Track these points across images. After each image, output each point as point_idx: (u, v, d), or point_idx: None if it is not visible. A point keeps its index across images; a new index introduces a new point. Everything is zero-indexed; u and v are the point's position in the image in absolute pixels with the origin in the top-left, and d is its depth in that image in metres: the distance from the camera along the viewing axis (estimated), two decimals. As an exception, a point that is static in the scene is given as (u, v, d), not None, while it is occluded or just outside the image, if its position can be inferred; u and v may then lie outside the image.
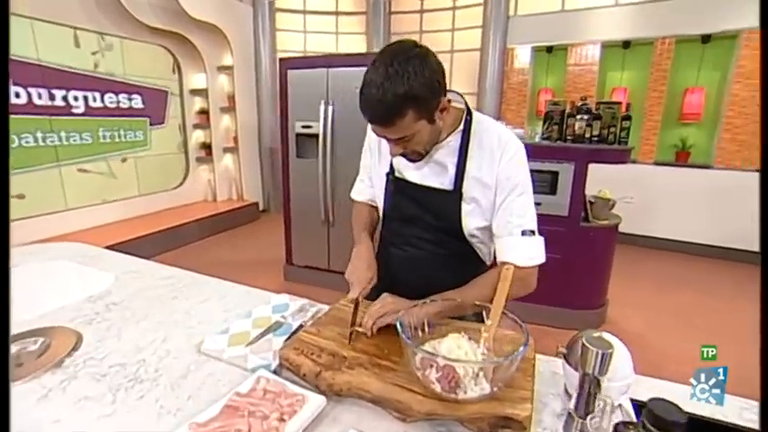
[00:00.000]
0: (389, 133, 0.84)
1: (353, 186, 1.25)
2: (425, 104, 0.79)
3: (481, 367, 0.65)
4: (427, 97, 0.79)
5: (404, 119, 0.79)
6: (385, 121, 0.80)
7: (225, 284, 1.31)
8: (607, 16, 4.58)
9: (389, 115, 0.78)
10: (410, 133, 0.83)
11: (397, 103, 0.76)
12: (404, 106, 0.77)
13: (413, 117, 0.79)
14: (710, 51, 4.42)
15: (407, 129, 0.81)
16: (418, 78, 0.76)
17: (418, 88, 0.76)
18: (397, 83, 0.75)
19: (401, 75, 0.75)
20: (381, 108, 0.78)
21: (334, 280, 3.26)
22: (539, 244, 0.90)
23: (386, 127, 0.82)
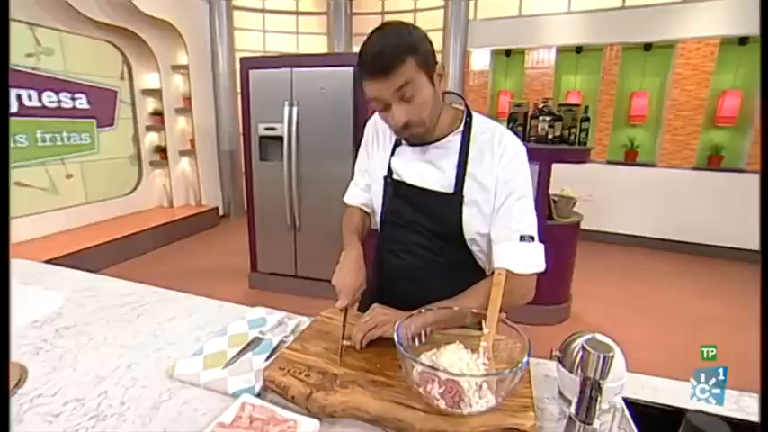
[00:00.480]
0: (391, 83, 0.79)
1: (346, 191, 1.20)
2: (424, 56, 0.80)
3: (486, 379, 0.63)
4: (425, 50, 0.80)
5: (404, 64, 0.78)
6: (386, 67, 0.77)
7: (194, 299, 1.21)
8: (561, 23, 4.79)
9: (391, 60, 0.77)
10: (413, 83, 0.79)
11: (397, 49, 0.77)
12: (403, 52, 0.78)
13: (413, 66, 0.79)
14: (652, 59, 4.74)
15: (408, 75, 0.79)
16: (413, 34, 0.80)
17: (415, 41, 0.79)
18: (393, 36, 0.79)
19: (396, 31, 0.79)
20: (381, 57, 0.77)
21: (302, 287, 3.17)
22: (539, 250, 0.87)
23: (387, 75, 0.78)
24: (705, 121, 4.58)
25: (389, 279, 1.06)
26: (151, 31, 4.25)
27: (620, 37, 4.63)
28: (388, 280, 1.06)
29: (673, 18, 4.39)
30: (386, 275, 1.07)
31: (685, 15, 4.35)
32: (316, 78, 2.72)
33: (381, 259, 1.09)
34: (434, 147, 0.93)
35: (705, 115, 4.56)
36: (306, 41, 5.53)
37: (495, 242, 0.90)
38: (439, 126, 0.92)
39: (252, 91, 2.84)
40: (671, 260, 4.39)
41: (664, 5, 4.39)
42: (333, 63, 2.71)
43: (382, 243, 1.10)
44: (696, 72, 4.47)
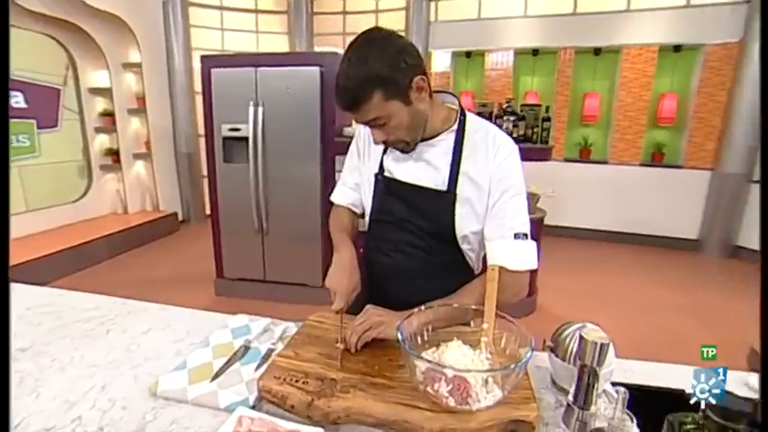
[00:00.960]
0: (361, 116, 0.84)
1: (334, 190, 1.18)
2: (392, 84, 0.80)
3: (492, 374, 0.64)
4: (392, 76, 0.80)
5: (370, 100, 0.80)
6: (352, 105, 0.82)
7: (168, 309, 1.14)
8: (518, 26, 4.97)
9: (355, 99, 0.80)
10: (384, 114, 0.83)
11: (361, 85, 0.79)
12: (368, 88, 0.79)
13: (381, 97, 0.80)
14: (601, 62, 5.03)
15: (378, 109, 0.82)
16: (379, 59, 0.78)
17: (380, 68, 0.78)
18: (358, 67, 0.78)
19: (362, 59, 0.78)
20: (347, 94, 0.81)
21: (271, 291, 3.09)
22: (531, 248, 0.89)
23: (355, 111, 0.83)
24: (648, 121, 4.93)
25: (379, 279, 1.05)
26: (98, 26, 3.97)
27: (573, 41, 4.88)
28: (377, 280, 1.05)
29: (618, 25, 4.68)
30: (375, 275, 1.06)
31: (628, 23, 4.66)
32: (281, 78, 2.66)
33: (370, 259, 1.08)
34: (428, 144, 0.93)
35: (648, 115, 4.90)
36: (266, 40, 5.38)
37: (489, 240, 0.91)
38: (431, 124, 0.92)
39: (214, 90, 2.72)
40: (624, 251, 4.69)
41: (610, 13, 4.67)
42: (299, 62, 2.66)
43: (371, 242, 1.08)
44: (639, 76, 4.80)
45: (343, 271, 0.93)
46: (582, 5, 4.73)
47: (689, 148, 4.83)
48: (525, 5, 4.89)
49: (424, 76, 0.84)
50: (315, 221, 2.91)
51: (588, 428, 0.69)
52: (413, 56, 0.82)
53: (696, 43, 4.59)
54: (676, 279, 3.95)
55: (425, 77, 0.84)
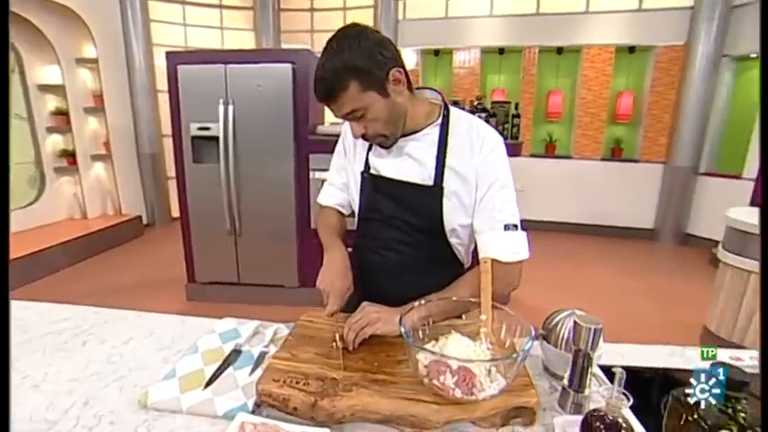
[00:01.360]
0: (338, 108, 0.84)
1: (321, 191, 1.16)
2: (368, 75, 0.81)
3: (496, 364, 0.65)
4: (368, 67, 0.80)
5: (347, 90, 0.81)
6: (328, 95, 0.82)
7: (149, 317, 1.09)
8: (484, 25, 5.08)
9: (332, 89, 0.81)
10: (360, 106, 0.83)
11: (337, 75, 0.79)
12: (344, 78, 0.80)
13: (357, 88, 0.81)
14: (564, 61, 5.23)
15: (355, 101, 0.82)
16: (355, 51, 0.79)
17: (356, 59, 0.79)
18: (334, 58, 0.80)
19: (338, 51, 0.80)
20: (324, 85, 0.81)
21: (246, 294, 3.01)
22: (522, 238, 0.90)
23: (332, 101, 0.83)
24: (608, 117, 5.18)
25: (370, 277, 1.05)
26: (47, 18, 3.71)
27: (536, 40, 5.05)
28: (368, 278, 1.05)
29: (578, 26, 4.89)
30: (366, 273, 1.05)
31: (587, 24, 4.87)
32: (252, 75, 2.59)
33: (360, 257, 1.07)
34: (412, 139, 0.93)
35: (608, 112, 5.15)
36: (232, 37, 5.22)
37: (480, 233, 0.92)
38: (414, 119, 0.92)
39: (182, 88, 2.61)
40: (589, 242, 4.91)
41: (570, 15, 4.86)
42: (270, 59, 2.60)
43: (360, 240, 1.08)
44: (599, 74, 5.03)
45: (335, 272, 0.93)
46: (544, 6, 4.90)
47: (644, 143, 5.12)
48: (491, 5, 5.01)
49: (401, 68, 0.84)
50: (289, 221, 2.87)
51: (583, 410, 0.72)
52: (389, 49, 0.83)
53: (647, 45, 4.87)
54: (636, 266, 4.19)
55: (402, 70, 0.85)
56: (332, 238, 1.03)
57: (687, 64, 4.70)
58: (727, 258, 2.51)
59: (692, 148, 4.82)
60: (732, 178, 4.60)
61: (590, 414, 0.63)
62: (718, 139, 4.91)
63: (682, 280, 3.92)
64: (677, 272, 4.21)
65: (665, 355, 0.94)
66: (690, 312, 3.09)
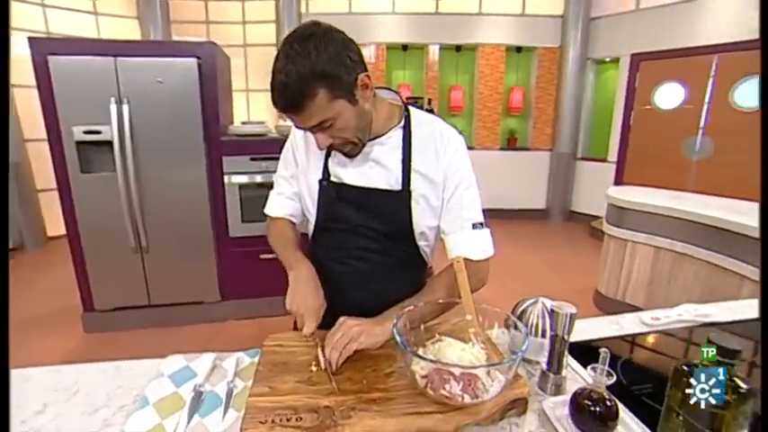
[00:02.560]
0: (306, 120, 0.77)
1: (267, 202, 1.06)
2: (338, 81, 0.74)
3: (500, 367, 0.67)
4: (338, 73, 0.74)
5: (315, 99, 0.73)
6: (295, 105, 0.74)
7: (66, 371, 0.89)
8: (387, 22, 5.19)
9: (298, 97, 0.73)
10: (330, 116, 0.77)
11: (304, 82, 0.71)
12: (312, 85, 0.72)
13: (326, 96, 0.74)
14: (462, 58, 5.61)
15: (325, 111, 0.75)
16: (321, 54, 0.72)
17: (324, 64, 0.72)
18: (299, 63, 0.71)
19: (302, 54, 0.71)
20: (288, 92, 0.72)
21: (161, 316, 2.69)
22: (488, 236, 0.93)
23: (299, 112, 0.75)
24: (503, 110, 5.71)
25: (335, 288, 1.00)
26: None
27: (436, 38, 5.32)
28: (334, 289, 1.00)
29: (473, 26, 5.27)
30: (330, 284, 1.00)
31: (481, 25, 5.29)
32: (150, 70, 2.27)
33: (321, 268, 1.01)
34: (376, 143, 0.90)
35: (502, 106, 5.68)
36: (109, 25, 4.52)
37: (449, 233, 0.92)
38: (377, 122, 0.89)
39: (56, 84, 2.17)
40: (493, 225, 5.30)
41: (466, 15, 5.22)
42: (171, 53, 2.31)
43: (320, 250, 1.02)
44: (493, 71, 5.50)
45: (306, 290, 0.86)
46: (443, 6, 5.17)
47: (534, 132, 5.76)
48: (393, 3, 5.12)
49: (368, 72, 0.80)
50: (205, 230, 2.61)
51: (562, 390, 0.79)
52: (355, 52, 0.78)
53: (531, 46, 5.46)
54: (534, 243, 4.73)
55: (369, 75, 0.80)
56: (294, 254, 0.96)
57: (562, 64, 5.39)
58: (611, 231, 2.96)
59: (570, 137, 5.57)
60: (601, 162, 5.43)
61: (577, 393, 0.69)
62: (589, 129, 5.74)
63: (571, 251, 4.53)
64: (566, 245, 4.86)
65: (604, 325, 1.07)
66: (582, 278, 3.59)
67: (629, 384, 0.84)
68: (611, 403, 0.66)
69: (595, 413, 0.66)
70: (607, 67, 5.48)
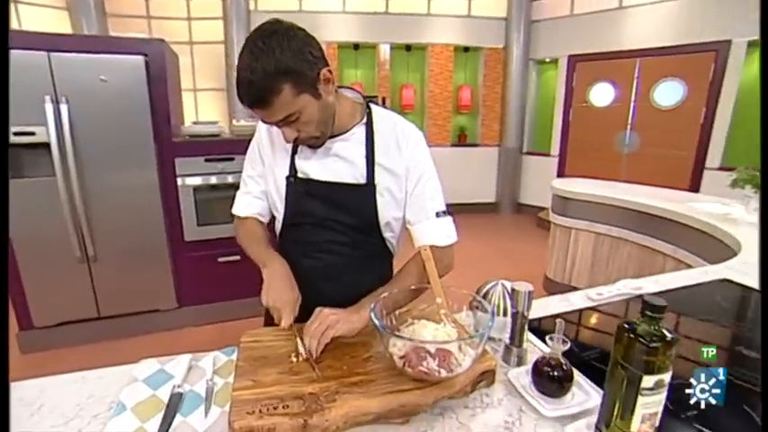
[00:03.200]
0: (272, 115, 0.80)
1: (235, 202, 1.07)
2: (301, 77, 0.78)
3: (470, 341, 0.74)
4: (301, 68, 0.77)
5: (280, 95, 0.76)
6: (261, 101, 0.77)
7: (28, 385, 0.85)
8: (337, 21, 5.19)
9: (264, 94, 0.76)
10: (295, 110, 0.80)
11: (269, 79, 0.75)
12: (277, 81, 0.75)
13: (291, 92, 0.77)
14: (413, 58, 5.74)
15: (289, 106, 0.79)
16: (285, 51, 0.75)
17: (288, 60, 0.75)
18: (264, 59, 0.74)
19: (267, 51, 0.74)
20: (254, 88, 0.75)
21: (112, 328, 2.55)
22: (451, 223, 0.99)
23: (265, 108, 0.78)
24: (453, 108, 5.91)
25: (306, 282, 1.02)
26: None
27: (387, 37, 5.40)
28: (305, 283, 1.02)
29: (423, 26, 5.41)
30: (301, 279, 1.02)
31: (430, 25, 5.44)
32: (91, 67, 2.13)
33: (294, 263, 1.03)
34: (340, 140, 0.94)
35: (452, 103, 5.88)
36: (32, 15, 4.14)
37: (414, 223, 0.98)
38: (341, 119, 0.93)
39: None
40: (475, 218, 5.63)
41: (415, 15, 5.34)
42: (115, 49, 2.18)
43: (289, 246, 1.05)
44: (443, 70, 5.68)
45: (282, 285, 0.88)
46: (393, 6, 5.26)
47: (482, 129, 6.02)
48: (344, 2, 5.13)
49: (329, 67, 0.83)
50: (158, 235, 2.51)
51: (523, 362, 0.87)
52: (317, 48, 0.81)
53: (477, 46, 5.70)
54: (487, 235, 4.97)
55: (330, 69, 0.84)
56: (266, 251, 0.97)
57: (506, 64, 5.68)
58: (556, 220, 3.20)
59: (516, 133, 5.89)
60: (545, 156, 5.79)
61: (538, 361, 0.77)
62: (533, 125, 6.10)
63: (520, 241, 4.81)
64: (516, 235, 5.16)
65: (556, 303, 1.19)
66: (532, 265, 3.84)
67: (579, 351, 0.94)
68: (567, 368, 0.75)
69: (554, 377, 0.74)
70: (547, 67, 5.85)
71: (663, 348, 0.52)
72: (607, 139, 5.04)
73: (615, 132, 5.00)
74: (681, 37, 4.38)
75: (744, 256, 1.59)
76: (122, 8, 4.50)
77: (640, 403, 0.55)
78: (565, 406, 0.73)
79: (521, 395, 0.77)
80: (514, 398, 0.77)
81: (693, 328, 1.11)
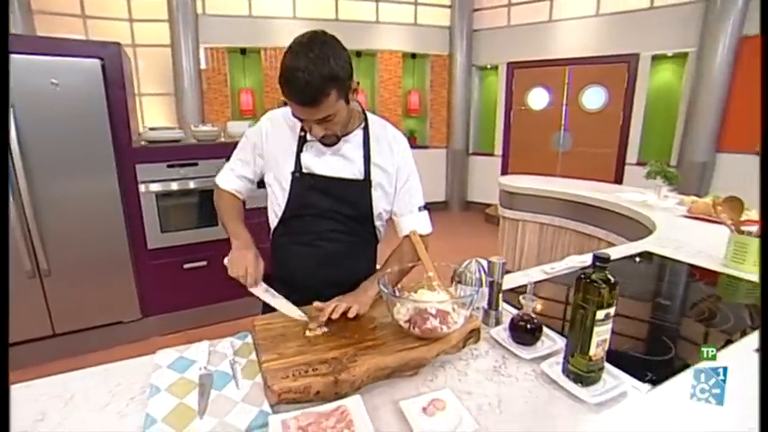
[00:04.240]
0: (316, 114, 0.90)
1: (221, 174, 1.21)
2: (344, 84, 0.90)
3: (462, 302, 0.89)
4: (345, 78, 0.89)
5: (328, 98, 0.87)
6: (313, 100, 0.87)
7: (40, 384, 0.87)
8: (287, 26, 5.22)
9: (318, 95, 0.86)
10: (333, 112, 0.92)
11: (323, 83, 0.85)
12: (328, 86, 0.86)
13: (335, 96, 0.88)
14: (363, 63, 5.90)
15: (331, 108, 0.91)
16: (337, 60, 0.86)
17: (338, 69, 0.86)
18: (320, 65, 0.84)
19: (323, 58, 0.84)
20: (310, 90, 0.85)
21: (68, 345, 2.43)
22: (428, 216, 1.19)
23: (313, 106, 0.88)
24: (402, 111, 6.16)
25: (307, 267, 1.14)
26: None
27: (337, 44, 5.52)
28: (306, 268, 1.14)
29: (372, 33, 5.60)
30: (303, 265, 1.14)
31: (379, 32, 5.64)
32: (40, 70, 2.04)
33: (291, 250, 1.14)
34: (344, 140, 1.07)
35: (402, 107, 6.13)
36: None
37: (401, 215, 1.15)
38: (349, 123, 1.06)
39: None
40: None
41: (364, 23, 5.52)
42: (68, 52, 2.10)
43: (290, 236, 1.15)
44: (392, 76, 5.90)
45: (245, 255, 1.04)
46: (342, 13, 5.39)
47: (431, 132, 6.33)
48: (294, 7, 5.18)
49: (357, 79, 0.97)
50: (120, 244, 2.43)
51: (500, 322, 1.05)
52: (350, 60, 0.93)
53: (424, 52, 6.00)
54: (440, 231, 5.15)
55: (358, 81, 0.97)
56: (237, 225, 1.14)
57: (451, 70, 6.04)
58: (505, 213, 3.51)
59: (462, 135, 6.27)
60: (489, 156, 6.22)
61: (514, 318, 0.95)
62: (477, 127, 6.52)
63: (471, 236, 5.15)
64: (467, 231, 5.49)
65: (518, 277, 1.39)
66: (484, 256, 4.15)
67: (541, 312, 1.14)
68: (537, 321, 0.93)
69: (528, 329, 0.93)
70: (489, 73, 6.29)
71: (609, 288, 0.72)
72: (544, 139, 5.54)
73: (551, 133, 5.52)
74: (602, 48, 4.96)
75: (658, 233, 1.92)
76: (51, 5, 4.20)
77: (595, 332, 0.74)
78: (537, 351, 0.91)
79: (503, 346, 0.94)
80: (498, 349, 0.95)
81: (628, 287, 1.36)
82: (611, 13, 4.85)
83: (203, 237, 2.65)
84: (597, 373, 0.78)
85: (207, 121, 4.72)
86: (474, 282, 1.09)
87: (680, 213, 2.30)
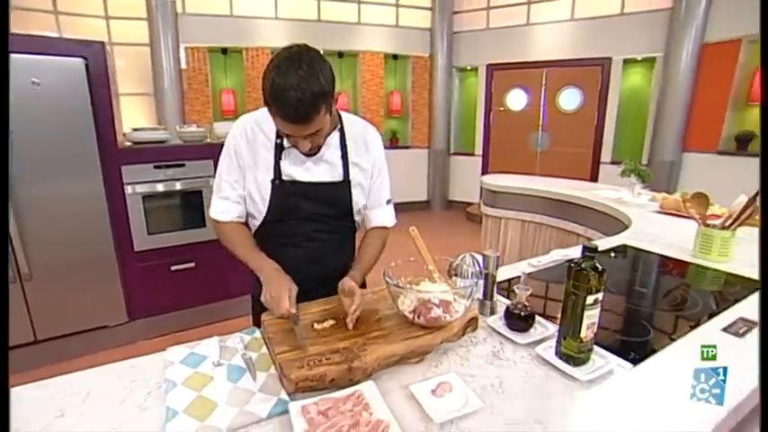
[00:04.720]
0: (306, 130, 0.93)
1: (213, 206, 1.15)
2: (330, 99, 0.92)
3: (462, 293, 0.96)
4: (331, 92, 0.92)
5: (318, 114, 0.90)
6: (306, 118, 0.89)
7: (54, 382, 0.89)
8: (269, 26, 5.20)
9: (310, 112, 0.88)
10: (321, 126, 0.95)
11: (315, 100, 0.86)
12: (319, 103, 0.88)
13: (323, 111, 0.91)
14: (345, 64, 5.93)
15: (320, 122, 0.93)
16: (326, 76, 0.88)
17: (326, 85, 0.88)
18: (311, 83, 0.85)
19: (313, 75, 0.86)
20: (303, 108, 0.86)
21: (51, 352, 2.38)
22: (393, 208, 1.27)
23: (305, 123, 0.90)
24: (384, 112, 6.22)
25: (293, 266, 1.11)
26: None
27: (319, 44, 5.41)
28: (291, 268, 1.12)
29: (354, 34, 5.64)
30: (290, 266, 1.12)
31: (361, 34, 5.68)
32: (20, 68, 1.99)
33: (280, 252, 1.14)
34: (323, 145, 1.10)
35: (384, 108, 6.19)
36: None
37: (371, 208, 1.22)
38: None
39: None
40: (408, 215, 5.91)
41: (346, 24, 5.55)
42: (50, 51, 2.06)
43: (273, 237, 1.17)
44: (374, 77, 5.96)
45: (281, 284, 0.99)
46: (324, 14, 5.41)
47: (413, 132, 6.42)
48: (275, 8, 5.16)
49: None
50: (106, 247, 2.40)
51: (495, 311, 1.12)
52: (332, 71, 0.94)
53: (405, 54, 6.08)
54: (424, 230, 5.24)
55: (339, 91, 1.00)
56: (258, 256, 1.09)
57: (432, 71, 6.14)
58: (487, 211, 3.61)
59: (443, 135, 6.38)
60: (470, 155, 6.35)
61: (508, 306, 1.02)
62: (458, 128, 6.65)
63: (453, 234, 5.25)
64: (449, 229, 5.60)
65: (507, 270, 1.47)
66: (468, 255, 4.25)
67: (532, 302, 1.22)
68: (530, 309, 1.00)
69: (522, 316, 1.00)
70: (469, 74, 6.43)
71: (597, 275, 0.79)
72: (523, 139, 5.72)
73: (529, 133, 5.69)
74: (577, 52, 5.16)
75: (634, 228, 2.04)
76: (23, 1, 4.06)
77: (586, 316, 0.81)
78: (531, 336, 0.98)
79: (499, 333, 1.01)
80: (495, 336, 1.01)
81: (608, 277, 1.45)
82: (586, 18, 5.06)
83: (191, 238, 2.64)
84: (587, 353, 0.86)
85: (188, 122, 4.65)
86: (470, 274, 1.16)
87: (653, 209, 2.44)
